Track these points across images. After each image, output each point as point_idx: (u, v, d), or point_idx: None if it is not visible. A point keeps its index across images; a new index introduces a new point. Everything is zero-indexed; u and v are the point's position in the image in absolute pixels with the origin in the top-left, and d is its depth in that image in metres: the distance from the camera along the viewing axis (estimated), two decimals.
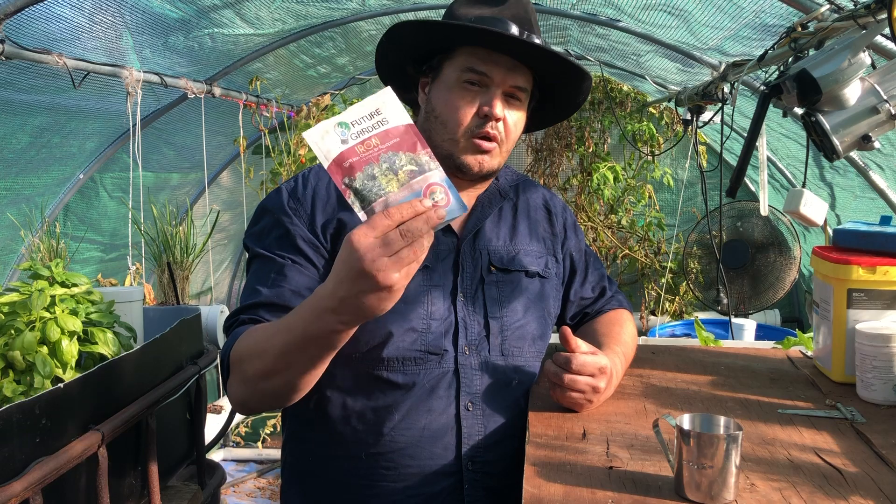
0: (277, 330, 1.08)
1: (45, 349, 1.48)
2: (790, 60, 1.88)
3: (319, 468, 1.30)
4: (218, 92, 3.51)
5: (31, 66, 2.37)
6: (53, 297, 1.54)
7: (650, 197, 4.78)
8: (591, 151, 4.79)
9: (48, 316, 1.50)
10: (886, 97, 1.43)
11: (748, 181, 4.78)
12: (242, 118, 3.88)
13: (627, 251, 4.79)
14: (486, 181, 1.39)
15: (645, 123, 4.69)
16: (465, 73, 1.27)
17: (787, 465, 1.04)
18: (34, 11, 2.18)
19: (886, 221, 1.46)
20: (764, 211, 2.11)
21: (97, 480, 1.29)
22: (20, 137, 2.75)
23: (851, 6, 1.67)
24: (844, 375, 1.39)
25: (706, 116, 3.26)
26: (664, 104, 4.61)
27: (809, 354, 1.62)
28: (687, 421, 0.99)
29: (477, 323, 1.29)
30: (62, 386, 1.23)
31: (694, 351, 1.71)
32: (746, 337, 3.77)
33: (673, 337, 4.15)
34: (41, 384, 1.44)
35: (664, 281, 4.68)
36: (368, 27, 3.62)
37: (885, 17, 1.47)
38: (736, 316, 4.11)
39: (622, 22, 3.17)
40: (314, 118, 4.10)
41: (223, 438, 4.36)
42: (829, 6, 1.81)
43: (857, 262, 1.36)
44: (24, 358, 1.45)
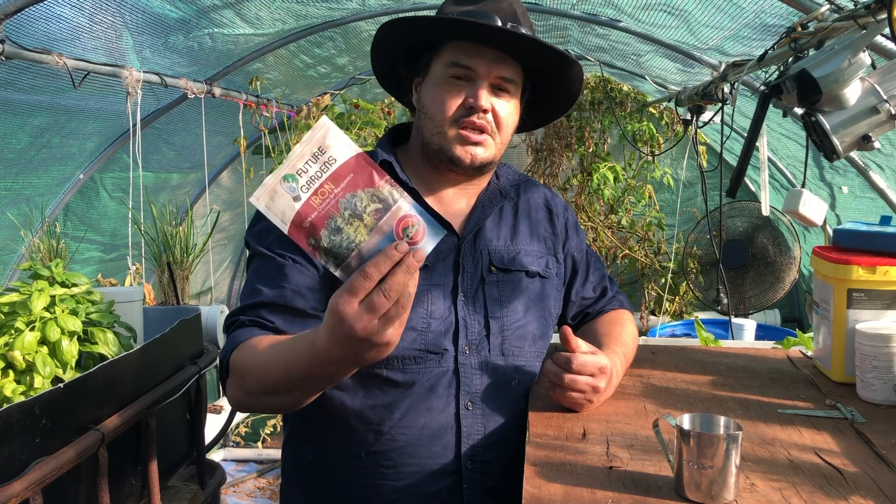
0: (279, 359, 1.08)
1: (45, 349, 1.48)
2: (790, 60, 1.87)
3: (319, 466, 1.30)
4: (218, 92, 3.51)
5: (31, 66, 2.37)
6: (53, 297, 1.54)
7: (650, 197, 4.77)
8: (591, 151, 4.79)
9: (48, 316, 1.50)
10: (886, 97, 1.43)
11: (748, 181, 4.78)
12: (242, 118, 3.88)
13: (627, 251, 4.79)
14: (483, 175, 1.38)
15: (645, 123, 4.69)
16: (450, 67, 1.28)
17: (787, 465, 1.04)
18: (34, 11, 2.18)
19: (886, 221, 1.46)
20: (765, 211, 2.11)
21: (97, 480, 1.29)
22: (20, 137, 2.75)
23: (851, 6, 1.67)
24: (844, 375, 1.39)
25: (706, 116, 3.25)
26: (664, 104, 4.61)
27: (809, 354, 1.62)
28: (687, 421, 0.99)
29: (477, 322, 1.29)
30: (62, 386, 1.23)
31: (694, 351, 1.71)
32: (746, 337, 3.77)
33: (673, 337, 4.15)
34: (41, 384, 1.44)
35: (664, 281, 4.67)
36: (368, 27, 3.61)
37: (885, 17, 1.47)
38: (736, 316, 4.11)
39: (622, 22, 3.17)
40: (314, 118, 4.09)
41: (223, 438, 4.35)
42: (829, 6, 1.81)
43: (857, 262, 1.36)
44: (24, 358, 1.45)
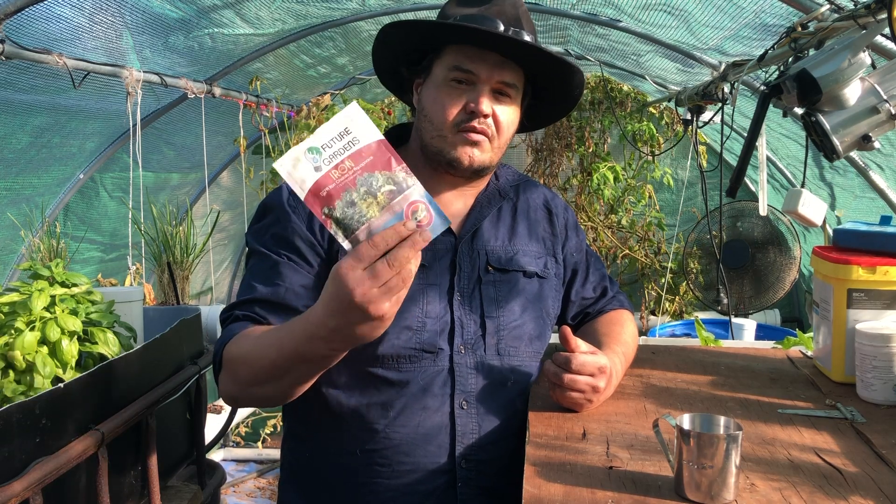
0: (270, 343, 1.10)
1: (45, 349, 1.48)
2: (790, 60, 1.87)
3: (316, 464, 1.31)
4: (218, 92, 3.51)
5: (31, 66, 2.37)
6: (53, 297, 1.54)
7: (650, 197, 4.77)
8: (591, 151, 4.79)
9: (48, 316, 1.50)
10: (886, 97, 1.43)
11: (748, 181, 4.78)
12: (242, 118, 3.88)
13: (627, 251, 4.79)
14: (481, 178, 1.38)
15: (645, 123, 4.68)
16: (452, 71, 1.28)
17: (787, 465, 1.04)
18: (34, 11, 2.18)
19: (886, 221, 1.46)
20: (763, 211, 2.11)
21: (97, 480, 1.29)
22: (20, 137, 2.75)
23: (851, 6, 1.67)
24: (844, 375, 1.39)
25: (706, 116, 3.25)
26: (664, 104, 4.61)
27: (809, 354, 1.62)
28: (687, 421, 0.99)
29: (473, 322, 1.29)
30: (62, 386, 1.23)
31: (694, 351, 1.71)
32: (746, 337, 3.77)
33: (673, 337, 4.15)
34: (41, 384, 1.44)
35: (664, 281, 4.67)
36: (368, 27, 3.61)
37: (885, 17, 1.47)
38: (736, 316, 4.11)
39: (622, 22, 3.17)
40: (314, 118, 4.09)
41: (223, 438, 4.35)
42: (829, 6, 1.81)
43: (857, 262, 1.36)
44: (24, 358, 1.45)
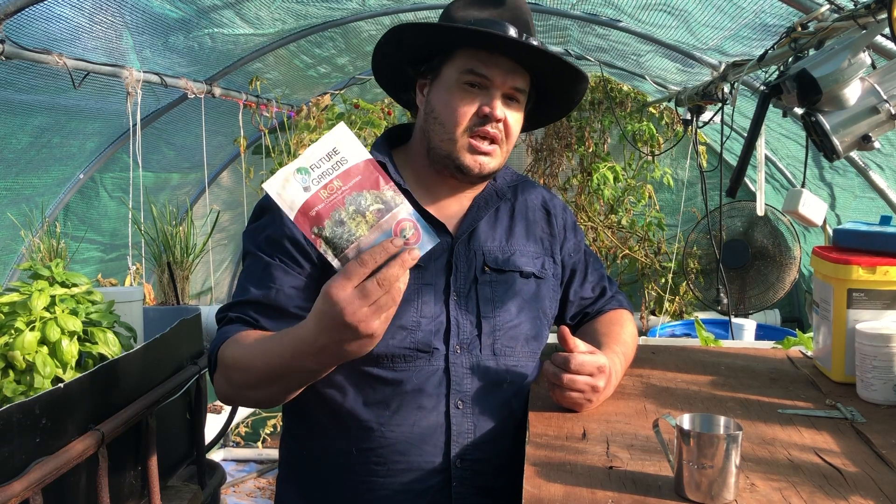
0: (262, 351, 1.12)
1: (45, 349, 1.48)
2: (790, 60, 1.87)
3: (313, 463, 1.31)
4: (218, 92, 3.51)
5: (31, 66, 2.37)
6: (53, 297, 1.54)
7: (650, 197, 4.77)
8: (591, 151, 4.78)
9: (48, 316, 1.50)
10: (886, 97, 1.43)
11: (748, 181, 4.78)
12: (242, 118, 3.88)
13: (627, 251, 4.79)
14: (485, 182, 1.40)
15: (645, 123, 4.68)
16: (465, 74, 1.28)
17: (787, 465, 1.04)
18: (34, 11, 2.18)
19: (886, 221, 1.46)
20: (760, 211, 2.10)
21: (97, 480, 1.29)
22: (20, 137, 2.75)
23: (851, 6, 1.67)
24: (844, 375, 1.39)
25: (706, 116, 3.25)
26: (664, 104, 4.61)
27: (809, 354, 1.62)
28: (687, 421, 0.99)
29: (469, 322, 1.29)
30: (62, 386, 1.23)
31: (694, 351, 1.71)
32: (746, 337, 3.77)
33: (673, 337, 4.15)
34: (41, 384, 1.44)
35: (664, 281, 4.67)
36: (368, 27, 3.62)
37: (885, 17, 1.47)
38: (736, 316, 4.11)
39: (622, 22, 3.18)
40: (314, 118, 4.09)
41: (223, 438, 4.35)
42: (829, 6, 1.81)
43: (857, 262, 1.36)
44: (24, 358, 1.45)
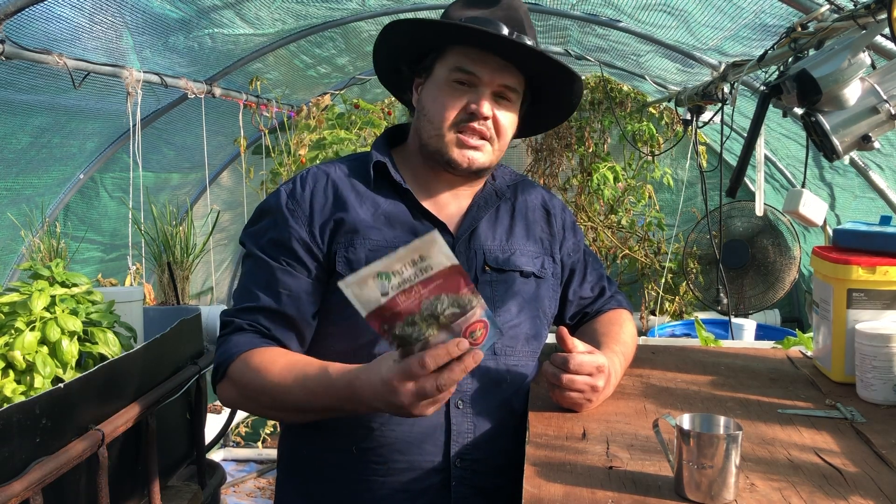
0: (302, 388, 1.16)
1: (45, 349, 1.48)
2: (790, 60, 1.87)
3: (312, 461, 1.31)
4: (218, 92, 3.51)
5: (31, 66, 2.37)
6: (53, 297, 1.53)
7: (650, 197, 4.77)
8: (591, 151, 4.79)
9: (48, 316, 1.50)
10: (886, 97, 1.43)
11: (748, 181, 4.78)
12: (242, 118, 3.88)
13: (627, 251, 4.79)
14: (480, 178, 1.39)
15: (645, 123, 4.69)
16: (454, 72, 1.28)
17: (787, 465, 1.04)
18: (34, 11, 2.18)
19: (886, 221, 1.46)
20: (759, 211, 2.10)
21: (97, 480, 1.29)
22: (20, 137, 2.75)
23: (851, 6, 1.67)
24: (844, 375, 1.39)
25: (706, 116, 3.25)
26: (664, 104, 4.61)
27: (809, 354, 1.62)
28: (687, 421, 0.99)
29: None
30: (62, 386, 1.23)
31: (694, 351, 1.71)
32: (746, 337, 3.77)
33: (673, 337, 4.15)
34: (41, 384, 1.44)
35: (664, 281, 4.67)
36: (368, 27, 3.62)
37: (885, 17, 1.47)
38: (736, 316, 4.11)
39: (622, 22, 3.18)
40: (314, 118, 4.09)
41: (223, 438, 4.35)
42: (829, 6, 1.81)
43: (857, 262, 1.36)
44: (24, 358, 1.45)
